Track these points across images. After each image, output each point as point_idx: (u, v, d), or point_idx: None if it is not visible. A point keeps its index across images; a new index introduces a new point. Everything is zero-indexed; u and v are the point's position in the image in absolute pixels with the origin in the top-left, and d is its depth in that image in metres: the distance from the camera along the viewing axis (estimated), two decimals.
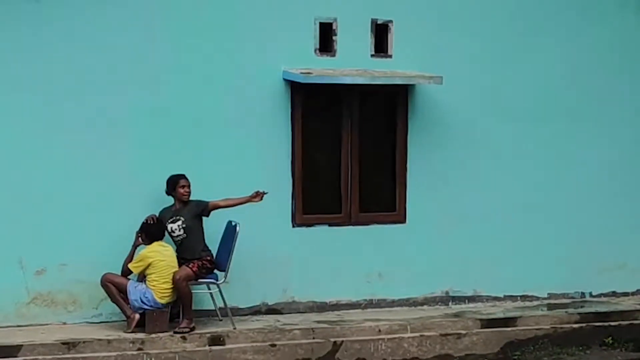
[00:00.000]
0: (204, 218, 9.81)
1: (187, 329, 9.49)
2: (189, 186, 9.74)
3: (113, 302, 9.50)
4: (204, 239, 9.82)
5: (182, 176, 9.74)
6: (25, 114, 9.50)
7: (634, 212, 11.66)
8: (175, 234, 9.74)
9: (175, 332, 9.45)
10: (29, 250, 9.57)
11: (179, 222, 9.70)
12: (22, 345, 8.98)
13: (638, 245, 11.71)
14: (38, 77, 9.51)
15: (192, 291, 9.59)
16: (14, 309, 9.59)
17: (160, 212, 9.78)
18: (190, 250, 9.72)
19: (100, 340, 9.21)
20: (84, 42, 9.62)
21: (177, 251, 9.71)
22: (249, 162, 10.19)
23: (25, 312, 9.64)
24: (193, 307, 9.67)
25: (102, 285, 9.45)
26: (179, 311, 9.68)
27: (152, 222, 9.62)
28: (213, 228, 9.87)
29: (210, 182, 9.88)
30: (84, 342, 9.13)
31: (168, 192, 9.78)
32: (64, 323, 9.74)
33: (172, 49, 9.91)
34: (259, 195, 9.71)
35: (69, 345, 9.07)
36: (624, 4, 11.44)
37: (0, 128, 9.45)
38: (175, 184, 9.73)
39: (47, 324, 9.64)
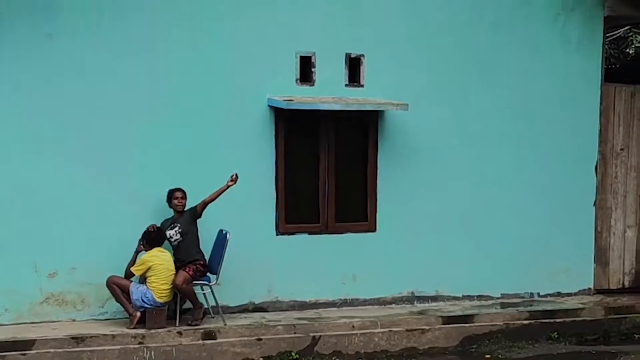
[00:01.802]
0: (200, 225, 9.69)
1: (199, 319, 9.55)
2: (182, 198, 9.66)
3: (117, 301, 9.44)
4: (198, 244, 9.72)
5: (178, 189, 9.67)
6: (40, 135, 9.36)
7: (575, 224, 11.52)
8: (172, 239, 9.64)
9: (189, 325, 9.46)
10: (42, 256, 9.46)
11: (176, 228, 9.63)
12: (36, 339, 8.88)
13: (579, 253, 11.58)
14: (51, 102, 9.37)
15: None
16: (28, 308, 9.46)
17: (162, 223, 9.68)
18: (185, 252, 9.62)
19: (105, 335, 9.12)
20: (91, 72, 9.49)
21: (174, 254, 9.63)
22: (239, 177, 9.90)
23: (39, 311, 9.51)
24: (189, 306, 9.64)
25: (107, 287, 9.38)
26: (175, 309, 9.55)
27: (152, 230, 9.51)
28: (206, 236, 9.76)
29: (205, 193, 9.66)
30: (91, 337, 9.05)
31: (168, 204, 9.69)
32: (74, 320, 9.60)
33: (171, 79, 9.78)
34: (233, 180, 9.62)
35: (78, 339, 8.99)
36: (567, 43, 11.32)
37: (18, 146, 9.29)
38: (170, 196, 9.69)
39: (58, 321, 9.52)
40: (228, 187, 9.61)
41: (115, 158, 9.63)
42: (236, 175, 9.64)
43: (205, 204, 9.62)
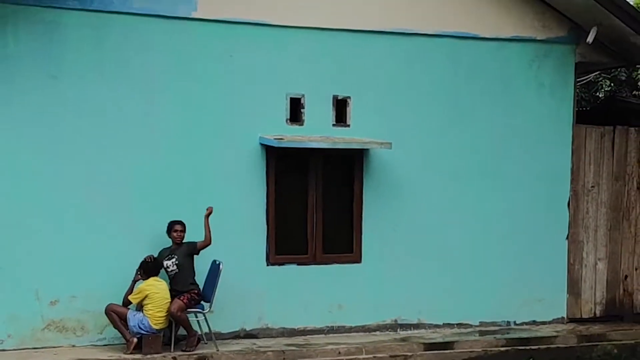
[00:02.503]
0: (195, 257, 9.60)
1: (194, 345, 9.41)
2: (182, 230, 9.58)
3: (115, 328, 9.29)
4: (193, 275, 9.61)
5: (178, 222, 9.59)
6: (43, 168, 9.28)
7: (549, 256, 11.44)
8: (169, 269, 9.53)
9: (184, 351, 9.32)
10: (44, 284, 9.33)
11: (173, 260, 9.52)
12: None
13: (553, 283, 11.49)
14: (55, 138, 9.31)
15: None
16: (30, 334, 9.31)
17: (160, 252, 9.60)
18: (181, 283, 9.50)
19: None
20: (93, 111, 9.44)
21: (170, 283, 9.51)
22: (232, 210, 9.98)
23: (40, 337, 9.35)
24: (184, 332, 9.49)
25: (106, 314, 9.25)
26: (170, 336, 9.42)
27: (149, 261, 9.40)
28: (200, 265, 9.65)
29: (200, 226, 9.59)
30: None
31: (168, 235, 9.61)
32: (73, 346, 9.44)
33: (168, 118, 9.73)
34: (208, 212, 9.57)
35: None
36: (540, 86, 11.34)
37: (23, 178, 9.19)
38: (170, 228, 9.60)
39: (59, 347, 9.36)
40: (206, 218, 9.54)
41: (115, 191, 9.54)
42: (211, 207, 9.58)
43: (205, 245, 9.54)
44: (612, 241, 11.88)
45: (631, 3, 12.81)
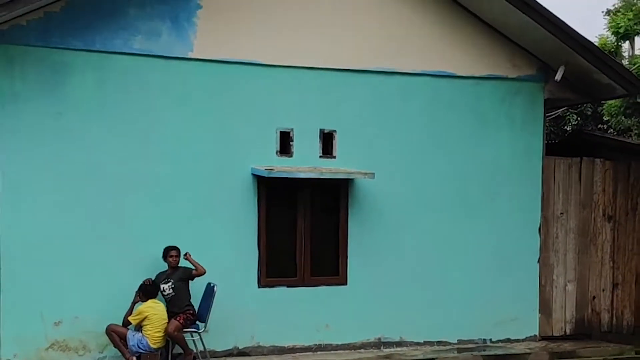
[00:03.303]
0: (190, 281, 9.49)
1: None
2: (177, 255, 9.46)
3: (115, 347, 9.16)
4: (189, 297, 9.46)
5: (173, 247, 9.47)
6: (49, 198, 9.18)
7: (522, 279, 11.35)
8: (165, 293, 9.40)
9: None
10: (48, 306, 9.20)
11: (169, 284, 9.40)
12: None
13: (526, 304, 11.39)
14: (58, 171, 9.22)
15: None
16: (35, 353, 9.16)
17: (157, 275, 9.46)
18: (177, 305, 9.37)
19: None
20: (95, 144, 9.36)
21: (167, 305, 9.36)
22: (225, 235, 9.89)
23: (45, 356, 9.19)
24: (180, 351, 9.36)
25: (106, 334, 9.13)
26: (167, 355, 9.30)
27: (148, 284, 9.27)
28: (196, 287, 9.53)
29: (196, 250, 9.54)
30: None
31: (164, 259, 9.46)
32: None
33: (166, 151, 9.64)
34: (186, 256, 9.47)
35: None
36: (512, 121, 11.30)
37: (30, 208, 9.09)
38: (166, 253, 9.47)
39: None
40: (189, 259, 9.44)
41: (115, 219, 9.43)
42: (188, 252, 9.47)
43: (199, 274, 9.41)
44: (580, 264, 11.80)
45: (595, 43, 12.82)
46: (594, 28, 30.32)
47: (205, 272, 9.41)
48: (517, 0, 10.43)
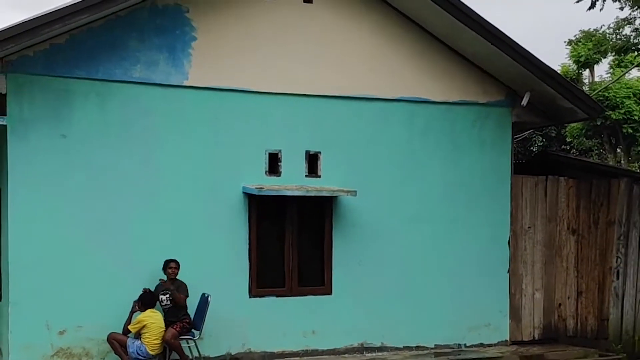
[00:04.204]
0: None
1: None
2: (176, 268, 9.32)
3: (116, 354, 9.01)
4: (185, 307, 9.31)
5: (172, 260, 9.33)
6: (55, 214, 9.06)
7: (493, 288, 11.25)
8: (163, 303, 9.27)
9: None
10: (53, 316, 9.03)
11: (167, 295, 9.26)
12: None
13: (497, 311, 11.29)
14: (64, 190, 9.09)
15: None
16: None
17: (156, 286, 9.30)
18: (174, 315, 9.24)
19: None
20: (97, 165, 9.25)
21: (164, 315, 9.21)
22: (218, 249, 9.76)
23: None
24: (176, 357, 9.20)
25: (108, 342, 9.00)
26: None
27: (147, 293, 9.13)
28: (191, 298, 9.38)
29: (192, 263, 9.47)
30: None
31: (164, 271, 9.31)
32: None
33: (164, 172, 9.53)
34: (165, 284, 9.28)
35: None
36: (483, 142, 11.27)
37: (38, 224, 8.96)
38: (166, 265, 9.34)
39: None
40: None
41: (117, 235, 9.29)
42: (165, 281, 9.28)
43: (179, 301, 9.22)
44: (547, 274, 11.71)
45: (558, 71, 12.84)
46: (557, 57, 30.54)
47: (182, 302, 9.23)
48: (486, 32, 10.45)
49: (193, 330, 9.33)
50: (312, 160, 10.33)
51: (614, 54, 16.45)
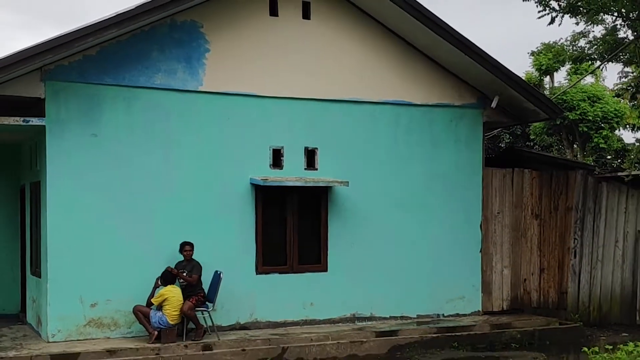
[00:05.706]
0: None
1: (201, 335, 9.11)
2: (190, 249, 9.33)
3: (140, 323, 9.04)
4: (200, 283, 9.31)
5: (187, 242, 9.34)
6: (90, 204, 9.07)
7: (468, 265, 11.25)
8: (181, 280, 9.23)
9: (193, 340, 9.02)
10: (86, 291, 9.07)
11: (185, 273, 9.23)
12: (80, 352, 8.43)
13: (471, 285, 11.28)
14: (96, 183, 9.11)
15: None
16: (75, 329, 9.03)
17: (176, 264, 9.31)
18: (190, 290, 9.26)
19: (131, 349, 8.67)
20: (124, 160, 9.26)
21: (182, 290, 9.19)
22: (229, 233, 9.76)
23: (83, 331, 9.05)
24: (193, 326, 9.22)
25: (133, 313, 9.02)
26: (183, 330, 9.13)
27: (169, 271, 9.11)
28: (206, 275, 9.40)
29: (206, 245, 9.48)
30: (121, 350, 8.58)
31: (180, 252, 9.31)
32: (108, 338, 9.12)
33: (182, 167, 9.53)
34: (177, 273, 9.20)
35: (111, 352, 8.52)
36: (458, 139, 11.25)
37: (74, 213, 8.96)
38: (182, 247, 9.34)
39: (97, 339, 9.06)
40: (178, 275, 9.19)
41: (141, 220, 9.31)
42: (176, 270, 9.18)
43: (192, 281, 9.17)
44: (513, 253, 11.72)
45: (522, 78, 12.83)
46: (522, 66, 30.53)
47: (193, 281, 9.20)
48: (461, 44, 10.46)
49: (207, 302, 9.34)
50: (310, 155, 10.30)
51: (571, 62, 16.49)
